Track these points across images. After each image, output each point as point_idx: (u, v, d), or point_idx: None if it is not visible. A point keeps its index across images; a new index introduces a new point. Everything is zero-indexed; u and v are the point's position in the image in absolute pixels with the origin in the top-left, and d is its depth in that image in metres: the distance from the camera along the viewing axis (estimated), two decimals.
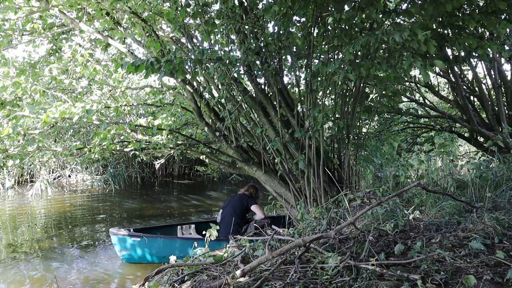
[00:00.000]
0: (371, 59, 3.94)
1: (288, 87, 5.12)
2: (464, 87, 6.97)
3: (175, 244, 4.92)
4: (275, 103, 4.65)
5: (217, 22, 4.44)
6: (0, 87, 5.24)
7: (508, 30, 4.50)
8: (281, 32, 4.38)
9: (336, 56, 4.30)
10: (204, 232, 3.46)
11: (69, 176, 12.25)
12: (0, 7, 5.24)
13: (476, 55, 4.12)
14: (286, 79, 5.30)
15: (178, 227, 5.59)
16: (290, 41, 4.50)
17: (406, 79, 6.13)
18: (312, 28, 4.26)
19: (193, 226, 5.68)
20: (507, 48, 4.69)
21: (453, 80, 6.70)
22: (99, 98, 5.75)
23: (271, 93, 4.80)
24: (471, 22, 3.86)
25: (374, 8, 3.62)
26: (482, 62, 6.62)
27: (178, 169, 13.73)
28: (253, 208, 5.18)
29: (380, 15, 3.83)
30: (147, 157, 6.83)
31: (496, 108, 6.79)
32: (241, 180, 11.97)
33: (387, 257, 2.32)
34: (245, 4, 4.60)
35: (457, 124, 7.58)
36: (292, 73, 4.87)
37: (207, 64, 4.03)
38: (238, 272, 2.12)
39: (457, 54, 4.61)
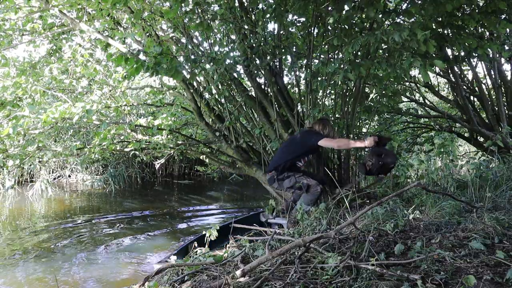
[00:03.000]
0: (371, 59, 3.95)
1: (288, 87, 5.12)
2: (464, 87, 6.96)
3: None
4: (275, 103, 4.65)
5: (216, 22, 4.45)
6: (0, 87, 5.24)
7: (508, 30, 4.50)
8: (281, 32, 4.38)
9: (336, 56, 4.31)
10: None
11: (69, 176, 12.23)
12: (0, 7, 5.24)
13: (476, 55, 4.13)
14: (286, 79, 5.31)
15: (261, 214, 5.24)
16: (290, 41, 4.51)
17: (406, 79, 6.13)
18: (312, 28, 4.27)
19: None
20: (507, 48, 4.69)
21: (453, 80, 6.69)
22: (99, 98, 5.75)
23: (271, 93, 4.80)
24: (471, 22, 3.87)
25: (374, 8, 3.63)
26: (482, 62, 6.61)
27: (178, 169, 13.70)
28: (322, 142, 3.86)
29: (380, 15, 3.83)
30: (147, 157, 6.83)
31: (496, 108, 6.79)
32: (241, 180, 11.95)
33: (387, 257, 2.32)
34: (245, 4, 4.60)
35: (457, 124, 7.57)
36: (292, 73, 4.87)
37: (206, 64, 4.03)
38: (238, 272, 2.12)
39: (457, 54, 4.62)
